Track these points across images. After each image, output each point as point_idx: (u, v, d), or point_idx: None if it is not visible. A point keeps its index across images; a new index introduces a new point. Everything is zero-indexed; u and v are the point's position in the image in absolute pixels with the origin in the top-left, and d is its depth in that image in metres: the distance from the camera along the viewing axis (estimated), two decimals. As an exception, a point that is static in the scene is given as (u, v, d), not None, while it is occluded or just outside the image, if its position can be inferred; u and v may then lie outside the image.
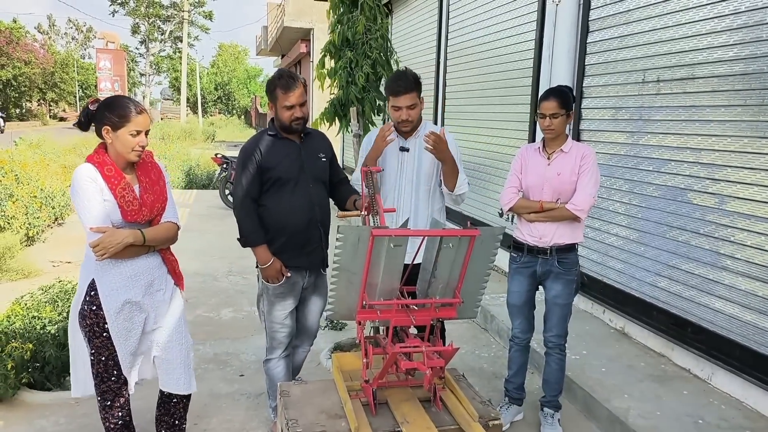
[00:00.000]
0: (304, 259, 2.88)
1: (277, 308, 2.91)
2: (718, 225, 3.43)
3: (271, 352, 3.00)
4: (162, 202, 2.44)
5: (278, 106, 2.78)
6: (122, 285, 2.35)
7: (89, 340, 2.39)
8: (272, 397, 3.08)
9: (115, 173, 2.30)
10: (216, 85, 58.90)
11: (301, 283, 2.93)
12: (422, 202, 3.01)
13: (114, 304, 2.34)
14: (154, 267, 2.45)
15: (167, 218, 2.46)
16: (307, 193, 2.83)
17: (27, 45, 42.16)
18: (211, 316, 4.86)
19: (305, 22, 18.10)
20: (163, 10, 47.95)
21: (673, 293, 3.75)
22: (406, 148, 3.01)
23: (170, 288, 2.53)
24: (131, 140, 2.29)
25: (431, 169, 2.99)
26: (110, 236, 2.23)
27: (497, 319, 4.48)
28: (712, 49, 3.47)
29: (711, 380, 3.47)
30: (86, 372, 2.48)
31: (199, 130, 29.86)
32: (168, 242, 2.48)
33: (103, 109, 2.30)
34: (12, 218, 6.77)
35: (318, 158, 2.91)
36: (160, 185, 2.46)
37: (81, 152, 15.51)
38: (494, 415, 2.07)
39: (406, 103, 2.87)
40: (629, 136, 4.13)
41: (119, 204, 2.28)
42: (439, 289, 2.06)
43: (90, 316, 2.35)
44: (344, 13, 3.81)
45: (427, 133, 2.77)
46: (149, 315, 2.45)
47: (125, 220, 2.31)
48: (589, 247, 4.51)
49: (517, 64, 5.55)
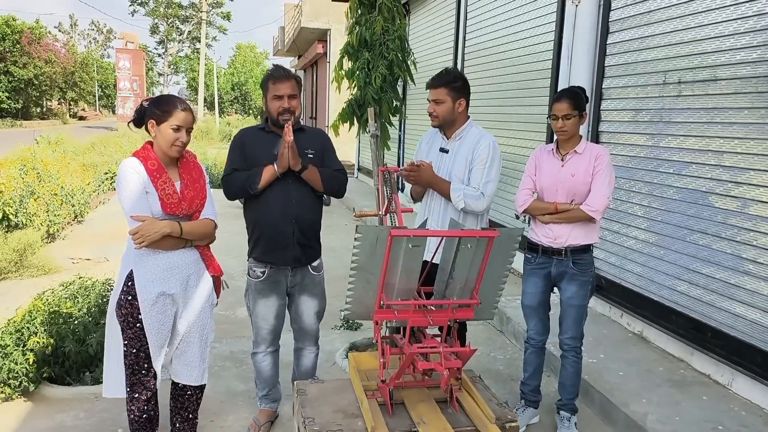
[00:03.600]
0: (278, 255, 2.86)
1: (260, 304, 2.94)
2: (740, 228, 3.38)
3: (256, 346, 3.05)
4: (201, 199, 2.53)
5: (268, 98, 2.80)
6: (158, 276, 2.43)
7: (123, 331, 2.46)
8: (260, 387, 3.14)
9: (158, 167, 2.42)
10: (233, 86, 59.35)
11: (284, 281, 2.93)
12: (452, 205, 2.99)
13: (149, 296, 2.41)
14: (191, 262, 2.52)
15: (206, 215, 2.55)
16: (285, 188, 2.81)
17: (48, 45, 42.83)
18: (228, 314, 4.90)
19: (322, 23, 18.15)
20: (182, 10, 48.45)
21: (693, 297, 3.70)
22: (446, 149, 3.06)
23: (207, 286, 2.60)
24: (172, 134, 2.39)
25: (462, 173, 3.00)
26: (149, 225, 2.34)
27: (513, 321, 4.45)
28: (735, 51, 3.42)
29: (731, 386, 3.42)
30: (120, 372, 2.53)
31: (216, 130, 30.11)
32: (205, 238, 2.57)
33: (153, 104, 2.43)
34: (33, 215, 6.88)
35: (304, 155, 2.83)
36: (200, 183, 2.56)
37: (100, 151, 15.73)
38: (511, 417, 2.06)
39: (432, 97, 2.97)
40: (649, 138, 4.08)
41: (159, 196, 2.38)
42: (457, 289, 2.06)
43: (125, 306, 2.43)
44: (363, 14, 3.81)
45: (407, 167, 2.95)
46: (180, 309, 2.52)
47: (165, 212, 2.40)
48: (607, 250, 4.47)
49: (535, 65, 5.52)
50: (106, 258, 6.44)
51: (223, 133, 30.67)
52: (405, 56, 3.92)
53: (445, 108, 2.96)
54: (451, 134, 3.05)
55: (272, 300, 2.94)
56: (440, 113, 2.97)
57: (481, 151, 2.95)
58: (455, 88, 2.95)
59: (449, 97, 2.94)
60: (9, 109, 39.30)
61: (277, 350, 3.09)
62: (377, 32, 3.75)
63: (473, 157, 2.96)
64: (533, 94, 5.55)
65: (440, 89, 2.94)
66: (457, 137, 3.03)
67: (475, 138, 3.00)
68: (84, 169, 10.06)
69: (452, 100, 2.95)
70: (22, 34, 38.77)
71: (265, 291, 2.92)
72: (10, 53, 38.16)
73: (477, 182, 2.94)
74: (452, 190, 2.92)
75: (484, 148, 2.95)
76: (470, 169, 2.97)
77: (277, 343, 3.08)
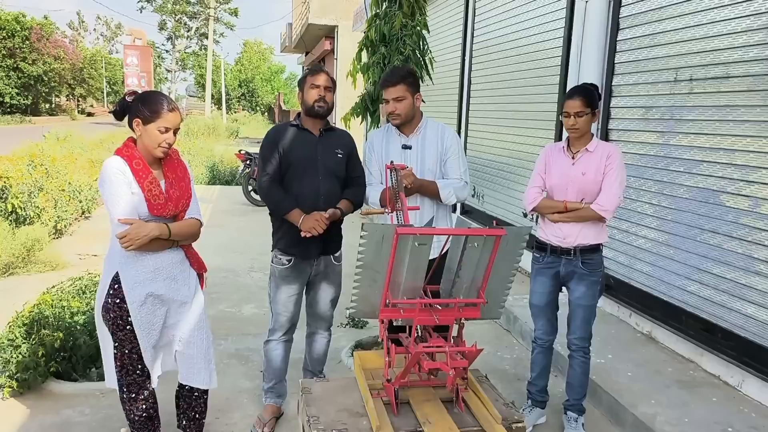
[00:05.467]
0: (303, 248, 2.91)
1: (283, 291, 2.98)
2: (751, 228, 3.33)
3: (272, 334, 3.08)
4: (187, 198, 2.48)
5: (306, 89, 2.89)
6: (146, 278, 2.38)
7: (113, 333, 2.42)
8: (267, 378, 3.13)
9: (143, 167, 2.34)
10: (240, 82, 59.41)
11: (308, 269, 2.99)
12: (427, 200, 3.00)
13: (137, 297, 2.36)
14: (177, 262, 2.48)
15: (191, 215, 2.50)
16: (315, 183, 2.87)
17: (57, 41, 42.97)
18: (233, 312, 4.89)
19: (330, 20, 18.13)
20: (190, 6, 48.53)
21: (703, 297, 3.65)
22: (408, 145, 3.03)
23: (193, 284, 2.56)
24: (159, 136, 2.33)
25: (435, 166, 3.01)
26: (137, 228, 2.27)
27: (520, 321, 4.42)
28: (748, 48, 3.37)
29: (741, 387, 3.38)
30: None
31: (223, 127, 30.16)
32: (191, 238, 2.52)
33: (138, 101, 2.35)
34: (42, 211, 6.91)
35: (334, 153, 2.94)
36: (185, 182, 2.49)
37: (108, 147, 15.78)
38: (518, 418, 2.03)
39: (393, 95, 2.92)
40: (660, 136, 4.03)
41: (146, 197, 2.32)
42: (464, 288, 2.03)
43: (113, 309, 2.38)
44: (385, 8, 3.78)
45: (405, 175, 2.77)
46: (170, 308, 2.48)
47: (151, 214, 2.34)
48: (616, 249, 4.43)
49: (544, 62, 5.47)
50: (113, 254, 6.44)
51: (230, 129, 30.72)
52: (423, 53, 3.88)
53: (407, 104, 2.94)
54: (411, 130, 3.03)
55: (295, 287, 3.00)
56: (402, 111, 2.94)
57: (450, 141, 3.01)
58: (412, 83, 2.95)
59: (409, 93, 2.93)
60: (18, 105, 39.51)
61: (289, 341, 3.13)
62: (396, 27, 3.72)
63: (444, 148, 3.00)
64: (542, 91, 5.50)
65: (399, 86, 2.90)
66: (418, 132, 3.03)
67: (438, 130, 3.04)
68: (91, 165, 10.08)
69: (411, 95, 2.95)
70: (31, 31, 38.92)
71: (289, 278, 2.97)
72: (19, 50, 38.31)
73: (457, 172, 3.00)
74: (441, 188, 2.94)
75: (451, 138, 3.02)
76: (445, 161, 3.01)
77: (292, 333, 3.12)
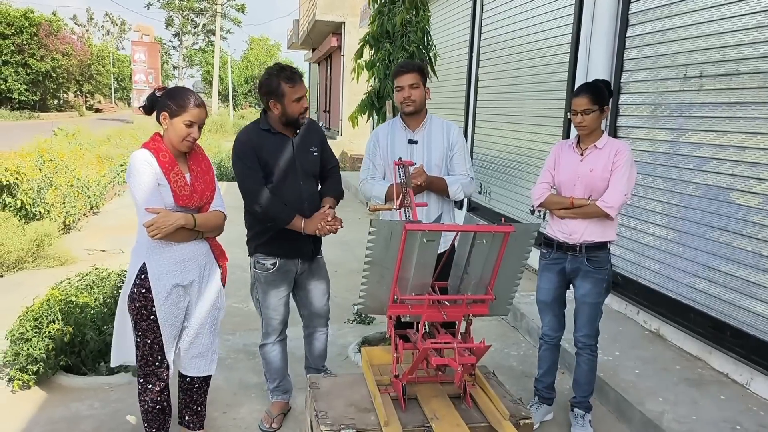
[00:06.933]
0: (292, 250, 2.91)
1: (271, 295, 2.96)
2: (761, 226, 3.31)
3: (266, 338, 3.07)
4: (211, 191, 2.55)
5: (286, 101, 2.75)
6: (172, 269, 2.45)
7: (136, 323, 2.48)
8: (270, 379, 3.15)
9: (169, 159, 2.42)
10: (246, 79, 59.50)
11: (293, 270, 2.97)
12: (434, 196, 3.01)
13: (163, 288, 2.43)
14: (202, 254, 2.55)
15: (215, 207, 2.57)
16: (297, 189, 2.85)
17: (65, 37, 43.16)
18: (241, 307, 4.91)
19: (336, 16, 18.14)
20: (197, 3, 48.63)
21: (712, 295, 3.63)
22: (414, 140, 3.03)
23: (216, 277, 2.63)
24: (184, 130, 2.39)
25: (441, 160, 3.03)
26: (164, 217, 2.34)
27: (527, 317, 4.42)
28: (758, 44, 3.34)
29: (750, 386, 3.36)
30: (131, 340, 2.54)
31: (230, 123, 30.23)
32: (216, 230, 2.59)
33: (166, 96, 2.42)
34: (51, 206, 6.96)
35: (309, 152, 2.92)
36: (210, 175, 2.58)
37: (115, 143, 15.87)
38: (525, 414, 2.04)
39: (409, 82, 2.93)
40: (669, 133, 4.01)
41: (172, 188, 2.39)
42: (472, 285, 2.04)
43: (139, 299, 2.44)
44: (386, 3, 3.77)
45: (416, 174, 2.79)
46: (192, 300, 2.55)
47: (177, 204, 2.41)
48: (624, 247, 4.41)
49: (552, 58, 5.45)
50: (121, 249, 6.49)
51: (237, 126, 30.78)
52: (427, 49, 3.87)
53: (421, 92, 2.97)
54: (418, 124, 3.04)
55: (282, 290, 2.98)
56: (417, 98, 2.96)
57: (456, 137, 3.05)
58: (423, 74, 2.98)
59: (421, 82, 2.96)
60: (27, 101, 39.76)
61: (284, 339, 3.13)
62: (399, 23, 3.71)
63: (450, 143, 3.03)
64: (550, 88, 5.48)
65: (414, 73, 2.94)
66: (424, 127, 3.04)
67: (443, 125, 3.07)
68: (100, 161, 10.14)
69: (423, 85, 2.97)
70: (39, 27, 39.09)
71: (276, 281, 2.94)
72: (28, 46, 38.50)
73: (463, 168, 3.05)
74: (450, 184, 2.97)
75: (457, 134, 3.05)
76: (451, 157, 3.04)
77: (285, 332, 3.12)
